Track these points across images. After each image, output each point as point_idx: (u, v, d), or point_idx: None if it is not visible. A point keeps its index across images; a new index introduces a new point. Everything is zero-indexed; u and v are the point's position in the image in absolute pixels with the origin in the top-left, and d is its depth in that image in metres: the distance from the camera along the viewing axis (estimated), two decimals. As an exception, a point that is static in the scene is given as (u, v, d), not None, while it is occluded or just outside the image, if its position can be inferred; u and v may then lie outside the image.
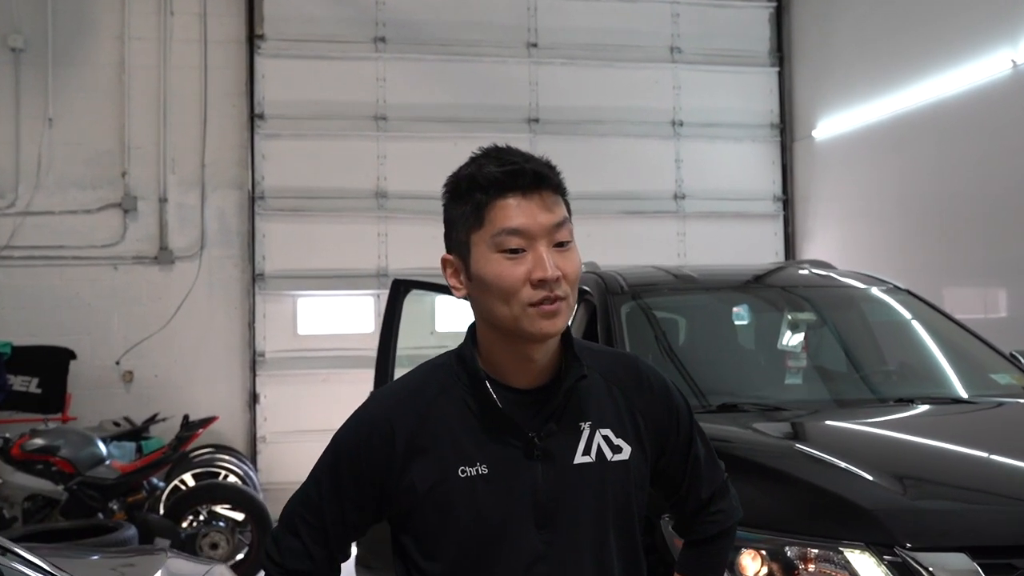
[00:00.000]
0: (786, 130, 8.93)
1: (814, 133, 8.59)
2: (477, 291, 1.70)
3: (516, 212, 1.65)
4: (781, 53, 9.00)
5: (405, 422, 1.73)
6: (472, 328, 1.81)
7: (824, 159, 8.51)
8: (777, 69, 8.98)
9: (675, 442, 1.87)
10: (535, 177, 1.66)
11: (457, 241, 1.72)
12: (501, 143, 1.75)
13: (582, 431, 1.76)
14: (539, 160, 1.71)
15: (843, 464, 2.92)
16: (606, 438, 1.77)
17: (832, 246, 8.01)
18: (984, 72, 6.54)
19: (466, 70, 8.35)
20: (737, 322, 4.60)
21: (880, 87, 7.63)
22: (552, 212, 1.67)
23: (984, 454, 3.10)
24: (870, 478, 2.81)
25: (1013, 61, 6.30)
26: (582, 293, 4.78)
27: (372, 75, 8.24)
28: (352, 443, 1.77)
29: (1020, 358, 4.23)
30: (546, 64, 8.45)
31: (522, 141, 8.26)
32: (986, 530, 2.60)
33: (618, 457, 1.77)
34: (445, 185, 1.75)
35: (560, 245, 1.67)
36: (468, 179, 1.69)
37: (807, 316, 4.38)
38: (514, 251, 1.64)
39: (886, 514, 2.65)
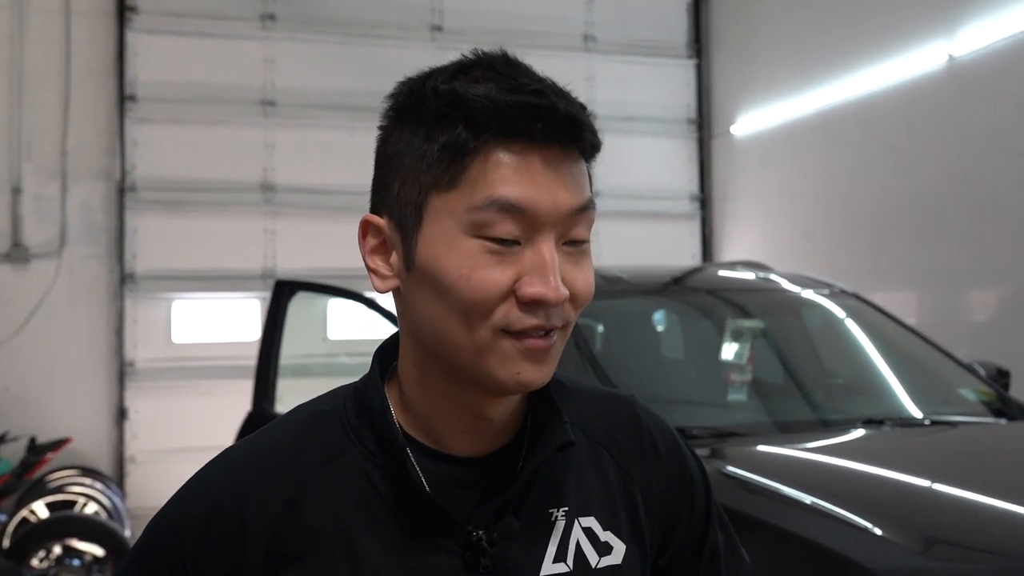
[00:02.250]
0: (704, 126, 8.51)
1: (733, 129, 8.19)
2: (419, 292, 1.01)
3: (521, 176, 0.97)
4: (700, 45, 8.57)
5: (265, 511, 1.03)
6: (387, 351, 1.13)
7: (744, 156, 8.12)
8: (695, 61, 8.55)
9: (686, 531, 1.20)
10: (568, 123, 1.01)
11: (399, 199, 1.02)
12: None
13: (554, 523, 1.09)
14: (571, 96, 1.05)
15: (832, 509, 2.39)
16: (589, 532, 1.11)
17: (752, 248, 7.60)
18: (918, 65, 6.20)
19: (365, 53, 7.66)
20: (663, 327, 4.08)
21: (805, 81, 7.26)
22: (577, 188, 1.02)
23: (981, 496, 2.61)
24: (869, 529, 2.28)
25: (950, 55, 5.96)
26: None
27: (259, 56, 7.48)
28: (174, 544, 1.06)
29: (980, 370, 3.84)
30: (453, 49, 7.69)
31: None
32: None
33: (607, 561, 1.11)
34: (392, 95, 1.06)
35: (574, 244, 1.02)
36: (446, 96, 0.99)
37: (752, 324, 3.87)
38: (503, 241, 0.97)
39: (891, 574, 2.13)
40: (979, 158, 5.81)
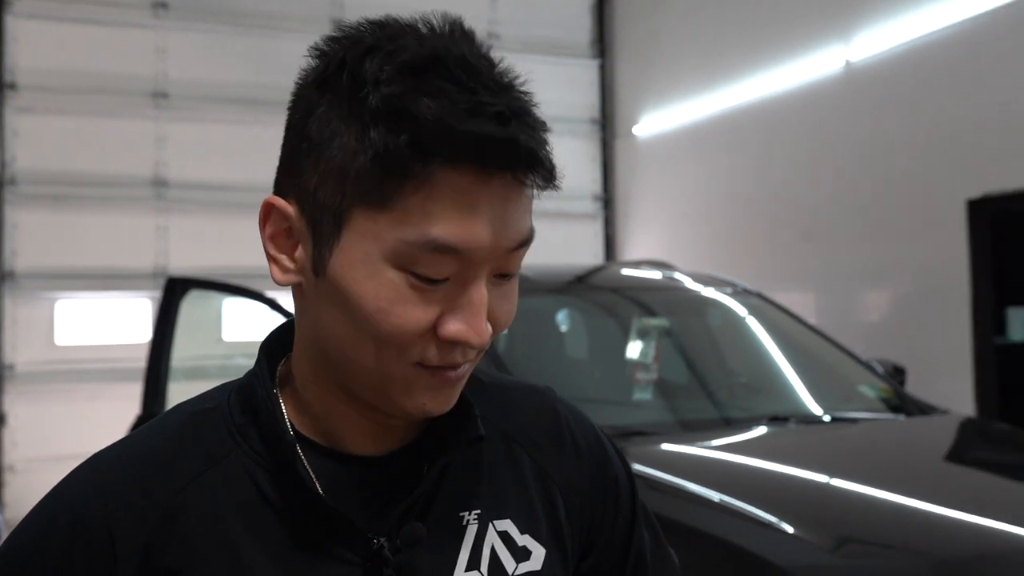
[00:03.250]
0: (607, 126, 8.53)
1: (636, 129, 8.23)
2: (327, 304, 0.89)
3: (464, 215, 0.83)
4: (603, 45, 8.59)
5: (137, 523, 0.91)
6: (275, 344, 1.01)
7: (647, 157, 8.16)
8: (599, 61, 8.57)
9: (611, 532, 1.10)
10: (528, 158, 0.87)
11: (315, 196, 0.87)
12: None
13: (466, 527, 0.99)
14: (532, 116, 0.91)
15: (742, 508, 2.35)
16: (505, 537, 1.00)
17: (655, 248, 7.64)
18: (816, 70, 6.31)
19: (263, 46, 7.44)
20: (578, 331, 4.04)
21: (707, 83, 7.33)
22: (523, 222, 0.90)
23: (885, 492, 2.62)
24: (777, 525, 2.25)
25: (847, 60, 6.08)
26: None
27: (151, 45, 7.19)
28: (34, 562, 0.93)
29: (878, 367, 3.90)
30: (353, 44, 7.67)
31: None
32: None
33: (525, 567, 1.00)
34: (322, 53, 0.90)
35: (505, 276, 0.91)
36: (391, 103, 0.82)
37: (658, 322, 3.85)
38: (431, 281, 0.85)
39: (806, 572, 2.10)
40: (874, 161, 5.93)
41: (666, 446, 3.01)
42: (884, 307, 6.10)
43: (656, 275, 4.31)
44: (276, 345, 1.01)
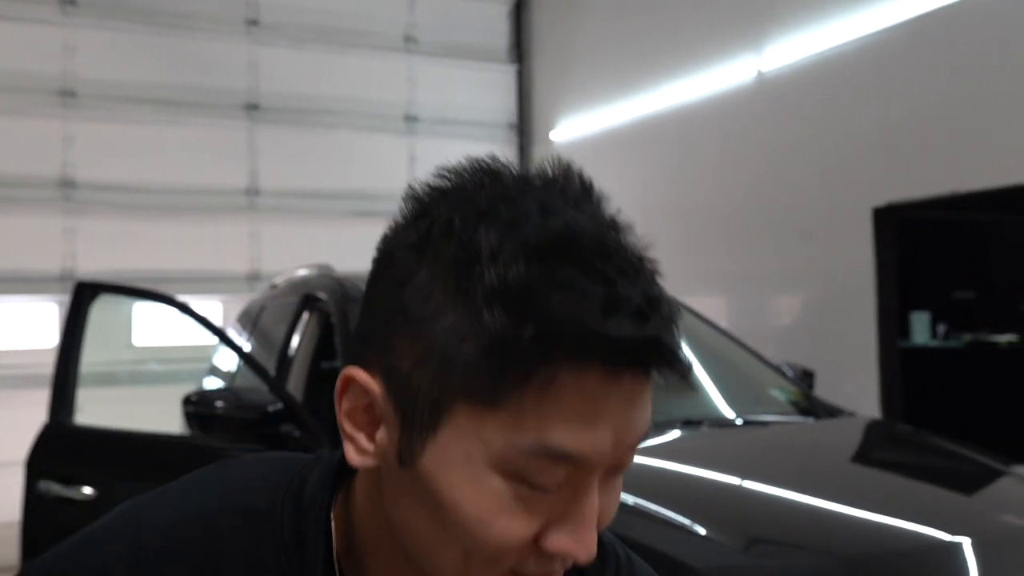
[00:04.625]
0: (525, 131, 8.58)
1: (553, 135, 8.29)
2: (409, 497, 0.77)
3: (587, 419, 0.72)
4: (521, 51, 8.64)
5: None
6: (339, 475, 0.88)
7: (564, 163, 8.22)
8: (516, 67, 8.62)
9: None
10: (668, 358, 0.74)
11: (410, 379, 0.75)
12: (215, 129, 0.86)
13: None
14: (670, 306, 0.78)
15: (655, 509, 2.39)
16: None
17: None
18: (729, 79, 6.45)
19: (176, 45, 7.31)
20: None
21: (624, 89, 7.43)
22: (647, 418, 0.78)
23: (796, 494, 2.69)
24: (693, 529, 2.30)
25: (759, 70, 6.22)
26: (314, 300, 4.08)
27: (59, 42, 7.01)
28: None
29: (788, 371, 4.00)
30: (269, 45, 7.58)
31: (239, 129, 7.35)
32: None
33: None
34: (423, 212, 0.80)
35: (615, 471, 0.79)
36: (517, 292, 0.71)
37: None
38: (537, 487, 0.74)
39: (716, 573, 2.15)
40: (785, 169, 6.09)
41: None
42: (795, 311, 6.26)
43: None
44: (341, 474, 0.88)
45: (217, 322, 6.59)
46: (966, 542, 2.35)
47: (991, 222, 7.18)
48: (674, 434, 3.23)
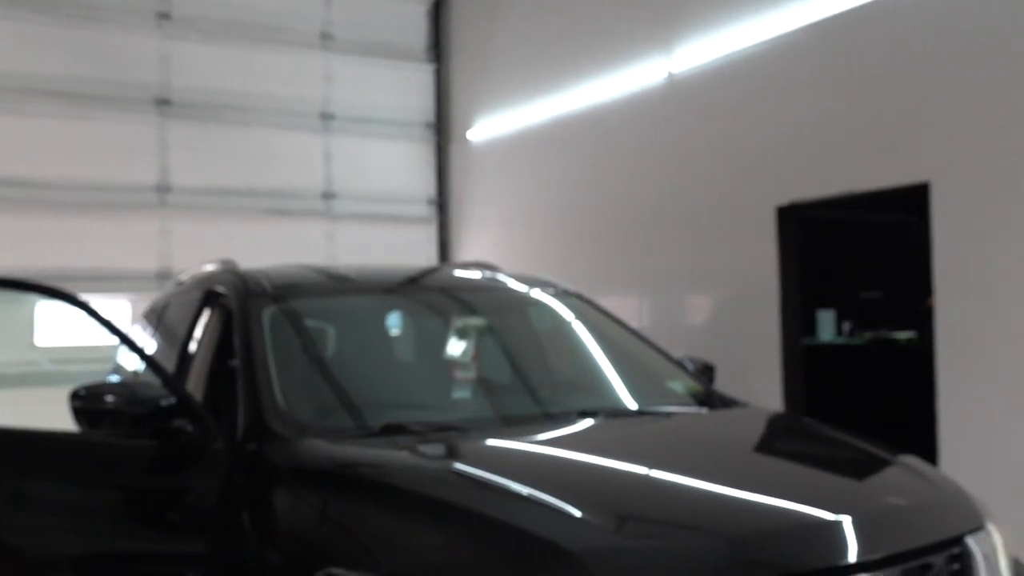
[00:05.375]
0: (442, 130, 8.58)
1: (470, 134, 8.31)
2: None
3: None
4: (439, 50, 8.64)
5: None
6: None
7: (481, 162, 8.25)
8: (434, 66, 8.62)
9: None
10: None
11: None
12: (123, 123, 0.89)
13: None
14: None
15: (537, 495, 2.42)
16: None
17: (487, 252, 7.73)
18: (641, 80, 6.53)
19: (82, 37, 7.14)
20: (396, 329, 4.04)
21: (540, 89, 7.48)
22: None
23: (683, 478, 2.74)
24: (570, 513, 2.33)
25: (669, 71, 6.32)
26: (216, 296, 4.03)
27: (-42, 33, 6.82)
28: None
29: (690, 363, 4.06)
30: (181, 39, 7.45)
31: (149, 124, 7.22)
32: (696, 569, 2.22)
33: None
34: None
35: None
36: None
37: (477, 322, 3.90)
38: None
39: (589, 556, 2.19)
40: (694, 169, 6.19)
41: (477, 441, 3.06)
42: (705, 310, 6.36)
43: (478, 276, 4.37)
44: None
45: (124, 321, 6.46)
46: (847, 520, 2.42)
47: (897, 223, 7.38)
48: (568, 424, 3.27)
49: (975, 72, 4.65)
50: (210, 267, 4.51)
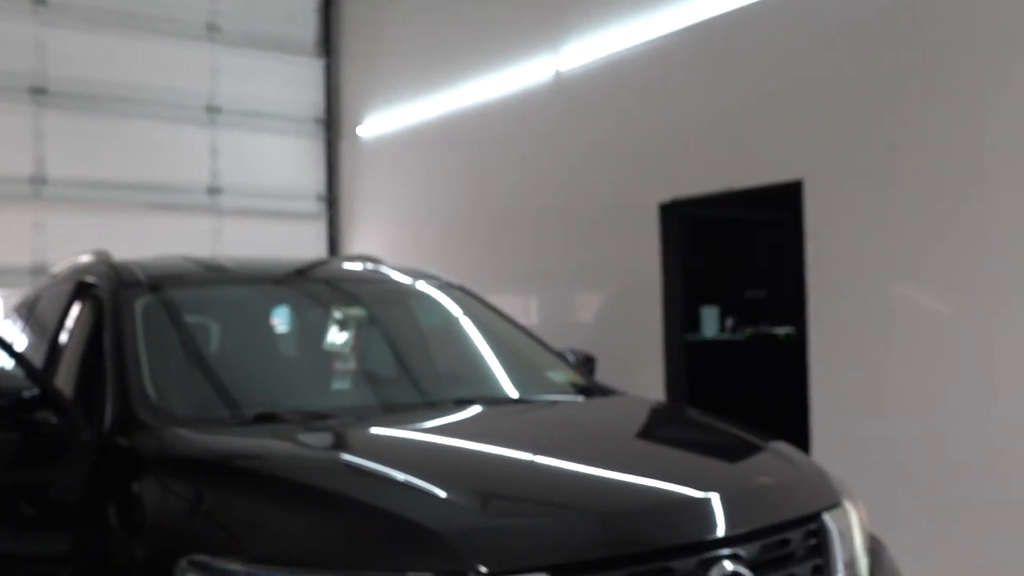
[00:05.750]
0: (332, 126, 8.51)
1: (360, 130, 8.26)
2: None
3: None
4: (329, 45, 8.56)
5: None
6: None
7: (371, 158, 8.21)
8: (324, 61, 8.53)
9: None
10: None
11: None
12: None
13: None
14: None
15: (406, 479, 2.42)
16: None
17: (376, 249, 7.68)
18: (528, 78, 6.59)
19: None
20: (278, 321, 3.99)
21: (429, 86, 7.48)
22: None
23: (552, 461, 2.78)
24: (438, 495, 2.34)
25: (556, 69, 6.39)
26: (88, 287, 3.91)
27: None
28: None
29: (570, 355, 4.12)
30: (58, 25, 7.20)
31: (24, 114, 6.96)
32: (564, 546, 2.25)
33: None
34: None
35: None
36: None
37: (357, 312, 3.89)
38: None
39: (456, 536, 2.20)
40: (581, 167, 6.27)
41: (349, 429, 3.05)
42: (592, 306, 6.45)
43: (360, 267, 4.35)
44: None
45: (-5, 316, 6.21)
46: (711, 498, 2.49)
47: (780, 221, 7.61)
48: (445, 412, 3.28)
49: (846, 73, 4.83)
50: (84, 258, 4.38)
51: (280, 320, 3.95)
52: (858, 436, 4.70)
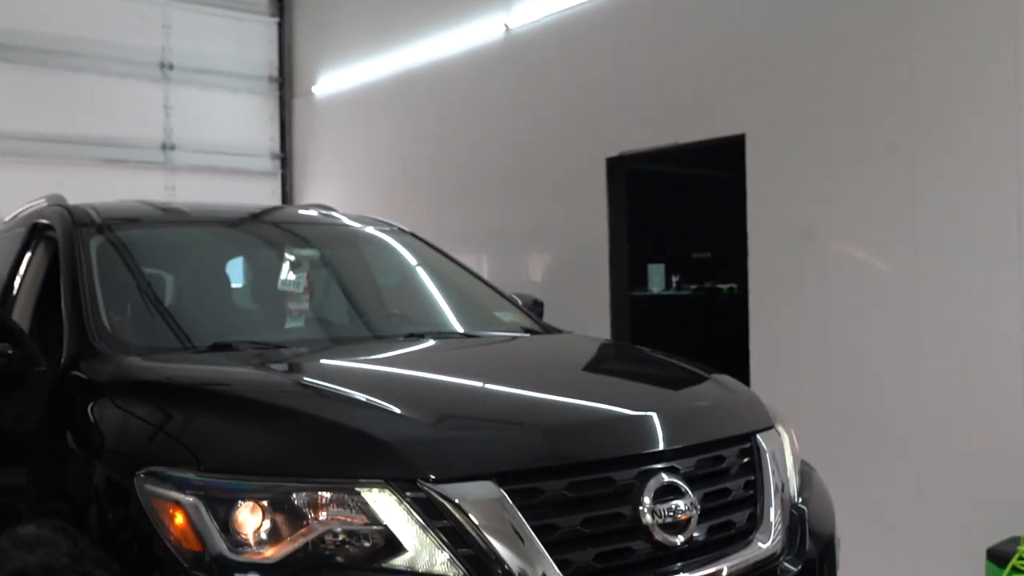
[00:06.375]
0: (286, 84, 8.51)
1: (314, 89, 8.27)
2: None
3: None
4: (282, 3, 8.55)
5: None
6: None
7: (324, 116, 8.23)
8: (277, 19, 8.52)
9: None
10: None
11: None
12: None
13: None
14: None
15: (357, 396, 2.53)
16: None
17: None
18: (479, 35, 6.65)
19: None
20: (231, 261, 4.07)
21: (382, 44, 7.51)
22: None
23: (499, 385, 2.92)
24: (388, 409, 2.45)
25: (506, 25, 6.46)
26: (42, 229, 3.95)
27: None
28: None
29: (519, 299, 4.25)
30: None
31: (-29, 66, 6.89)
32: (509, 456, 2.37)
33: None
34: None
35: None
36: None
37: (309, 253, 3.97)
38: None
39: (406, 445, 2.31)
40: (531, 124, 6.37)
41: (303, 356, 3.14)
42: (543, 264, 6.56)
43: (315, 213, 4.43)
44: None
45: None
46: (649, 416, 2.63)
47: (726, 180, 7.78)
48: (396, 345, 3.39)
49: (789, 30, 4.97)
50: (38, 203, 4.40)
51: (234, 260, 4.02)
52: (793, 377, 4.89)
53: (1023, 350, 4.09)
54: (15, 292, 3.92)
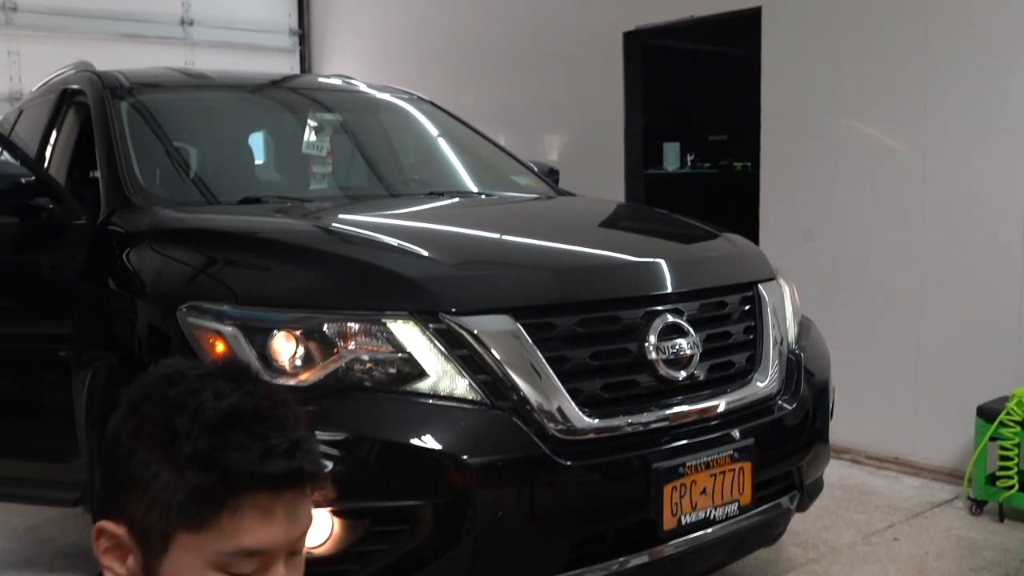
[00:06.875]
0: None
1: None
2: None
3: (265, 525, 1.12)
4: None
5: None
6: None
7: (343, -8, 8.20)
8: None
9: None
10: (310, 479, 1.15)
11: (142, 521, 1.13)
12: None
13: None
14: (310, 442, 1.17)
15: (383, 239, 2.70)
16: None
17: (350, 84, 7.79)
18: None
19: None
20: (259, 123, 4.19)
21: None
22: (304, 518, 1.18)
23: (516, 236, 3.07)
24: (412, 251, 2.62)
25: None
26: (73, 94, 4.07)
27: None
28: None
29: (535, 166, 4.37)
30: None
31: (-9, -62, 6.89)
32: (525, 293, 2.54)
33: None
34: (133, 409, 1.15)
35: (294, 555, 1.19)
36: (204, 456, 1.09)
37: (332, 117, 4.09)
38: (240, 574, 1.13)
39: (429, 281, 2.48)
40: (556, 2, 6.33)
41: (331, 208, 3.30)
42: (558, 141, 6.62)
43: (337, 81, 4.53)
44: None
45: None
46: (656, 262, 2.79)
47: (743, 56, 7.78)
48: (418, 201, 3.55)
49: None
50: (66, 71, 4.51)
51: (260, 122, 4.15)
52: (801, 246, 5.02)
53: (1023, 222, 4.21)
54: (48, 156, 4.08)
